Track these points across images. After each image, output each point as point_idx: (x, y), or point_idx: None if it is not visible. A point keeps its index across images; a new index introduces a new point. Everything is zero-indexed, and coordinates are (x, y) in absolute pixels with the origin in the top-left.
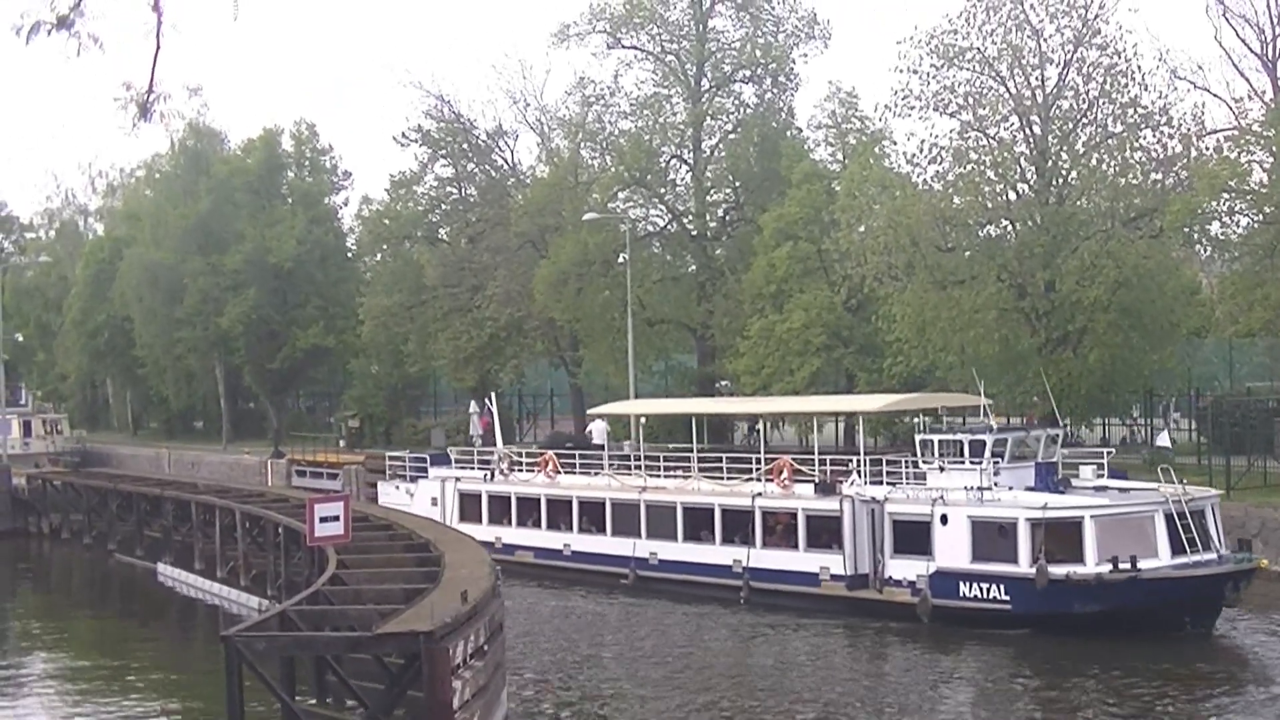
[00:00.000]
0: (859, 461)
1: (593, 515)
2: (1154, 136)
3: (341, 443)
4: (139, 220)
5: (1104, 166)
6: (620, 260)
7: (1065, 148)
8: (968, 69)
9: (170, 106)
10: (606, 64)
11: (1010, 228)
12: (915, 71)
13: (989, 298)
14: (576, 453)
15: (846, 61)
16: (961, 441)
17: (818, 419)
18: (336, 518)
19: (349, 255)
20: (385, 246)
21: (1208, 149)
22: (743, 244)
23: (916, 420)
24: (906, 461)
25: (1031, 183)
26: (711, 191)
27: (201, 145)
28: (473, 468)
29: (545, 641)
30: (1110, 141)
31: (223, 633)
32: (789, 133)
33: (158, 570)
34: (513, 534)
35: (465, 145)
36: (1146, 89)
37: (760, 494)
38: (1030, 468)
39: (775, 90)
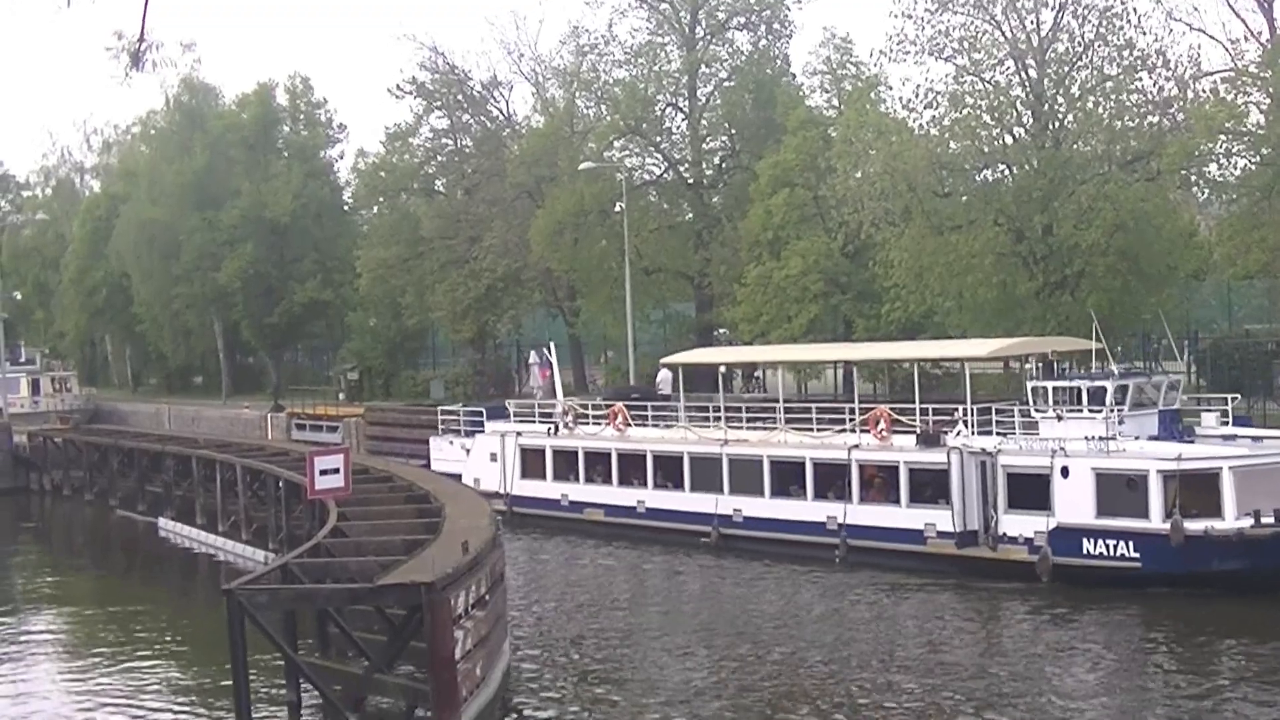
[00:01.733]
0: (965, 411)
1: (669, 470)
2: (1150, 79)
3: (341, 396)
4: (135, 177)
5: (1100, 109)
6: (617, 209)
7: (1061, 91)
8: (962, 13)
9: (162, 55)
10: (600, 13)
11: (1007, 172)
12: (910, 16)
13: (986, 242)
14: (648, 404)
15: (841, 7)
16: (1080, 388)
17: (917, 365)
18: (336, 470)
19: (345, 209)
20: (381, 199)
21: (1204, 91)
22: (739, 191)
23: (1027, 366)
24: (1018, 411)
25: (1028, 126)
26: (707, 139)
27: (196, 101)
28: (534, 421)
29: (622, 603)
30: (1106, 84)
31: (224, 586)
32: (784, 80)
33: (159, 525)
34: (580, 491)
35: (460, 96)
36: (1142, 31)
37: (857, 446)
38: (1152, 415)
39: (770, 37)
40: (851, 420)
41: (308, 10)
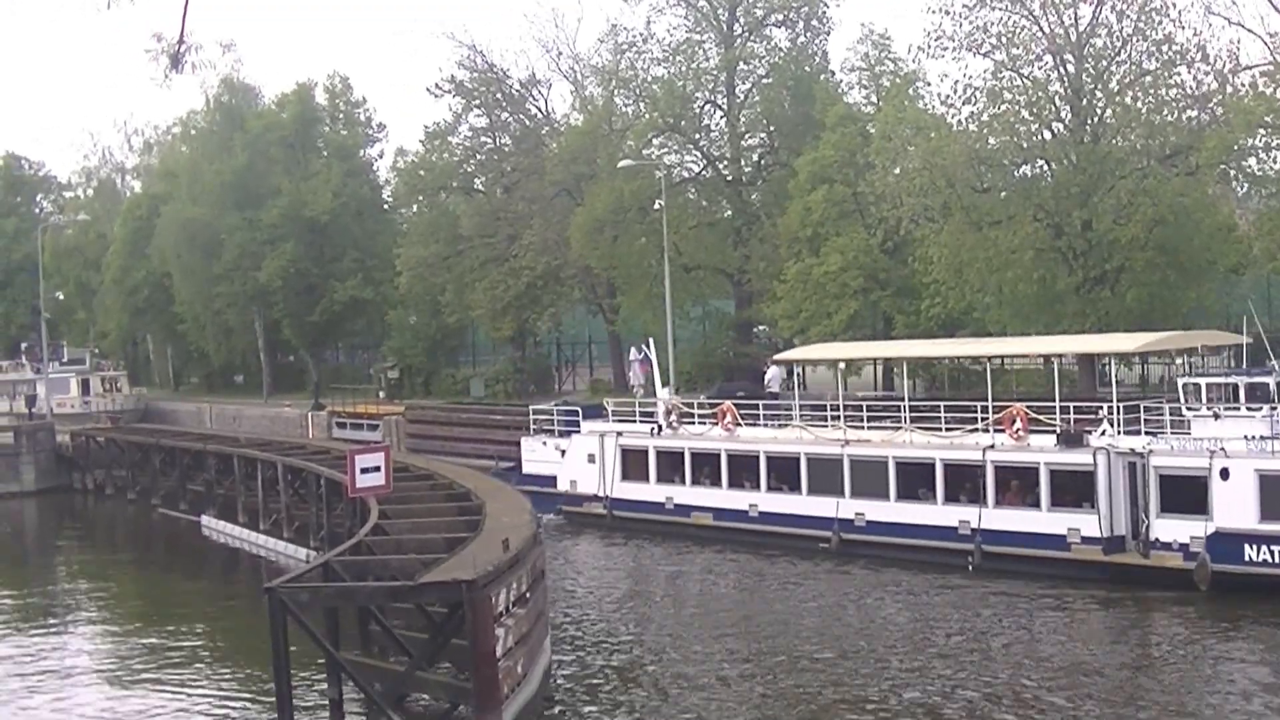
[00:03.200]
0: (1110, 409)
1: (784, 472)
2: (1189, 73)
3: (381, 394)
4: (175, 177)
5: (1139, 104)
6: (656, 207)
7: (1100, 86)
8: (1000, 8)
9: (202, 57)
10: (639, 10)
11: (1046, 167)
12: (948, 12)
13: (1025, 238)
14: (759, 402)
15: (879, 3)
16: (1237, 385)
17: (1057, 361)
18: (377, 468)
19: (385, 207)
20: (421, 198)
21: (1243, 85)
22: (778, 188)
23: (1176, 362)
24: (1168, 409)
25: (1066, 122)
26: (746, 136)
27: (236, 101)
28: (634, 420)
29: (732, 611)
30: (1145, 79)
31: (266, 584)
32: (822, 76)
33: (201, 522)
34: (686, 493)
35: (499, 95)
36: (1181, 26)
37: (991, 446)
38: None
39: (808, 34)
40: (984, 419)
41: (347, 9)
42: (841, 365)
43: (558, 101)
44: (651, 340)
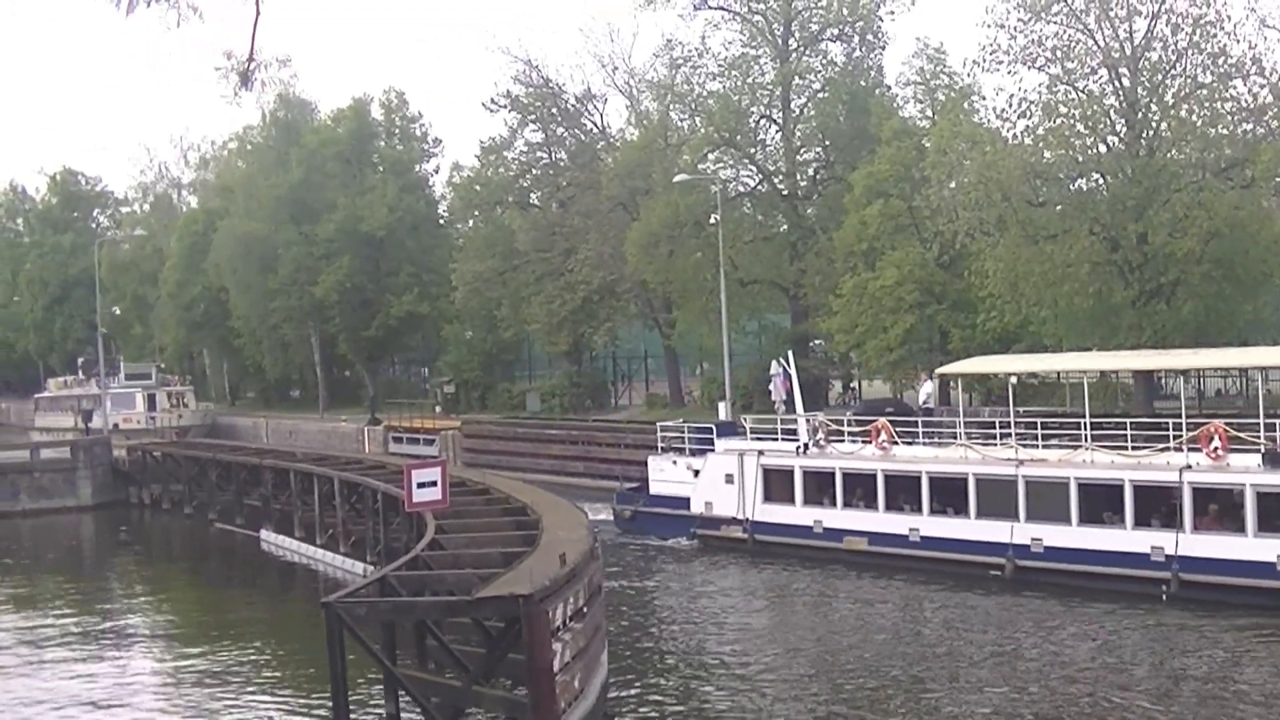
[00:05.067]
0: None
1: (949, 493)
2: (1244, 86)
3: (437, 408)
4: (231, 192)
5: (1194, 117)
6: (711, 221)
7: (1155, 99)
8: (1055, 22)
9: (270, 74)
10: (694, 25)
11: (1101, 181)
12: (1003, 26)
13: (1081, 251)
14: (919, 420)
15: (934, 18)
16: None
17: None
18: (434, 483)
19: (440, 222)
20: (476, 212)
21: None
22: (833, 202)
23: None
24: None
25: (1121, 135)
26: (801, 151)
27: (292, 116)
28: (776, 438)
29: (894, 642)
30: (1200, 92)
31: (323, 599)
32: (878, 90)
33: (260, 537)
34: (838, 516)
35: (554, 110)
36: (1236, 39)
37: (1189, 466)
38: None
39: (863, 48)
40: (1177, 437)
41: (403, 24)
42: (1014, 380)
43: (613, 116)
44: (790, 353)
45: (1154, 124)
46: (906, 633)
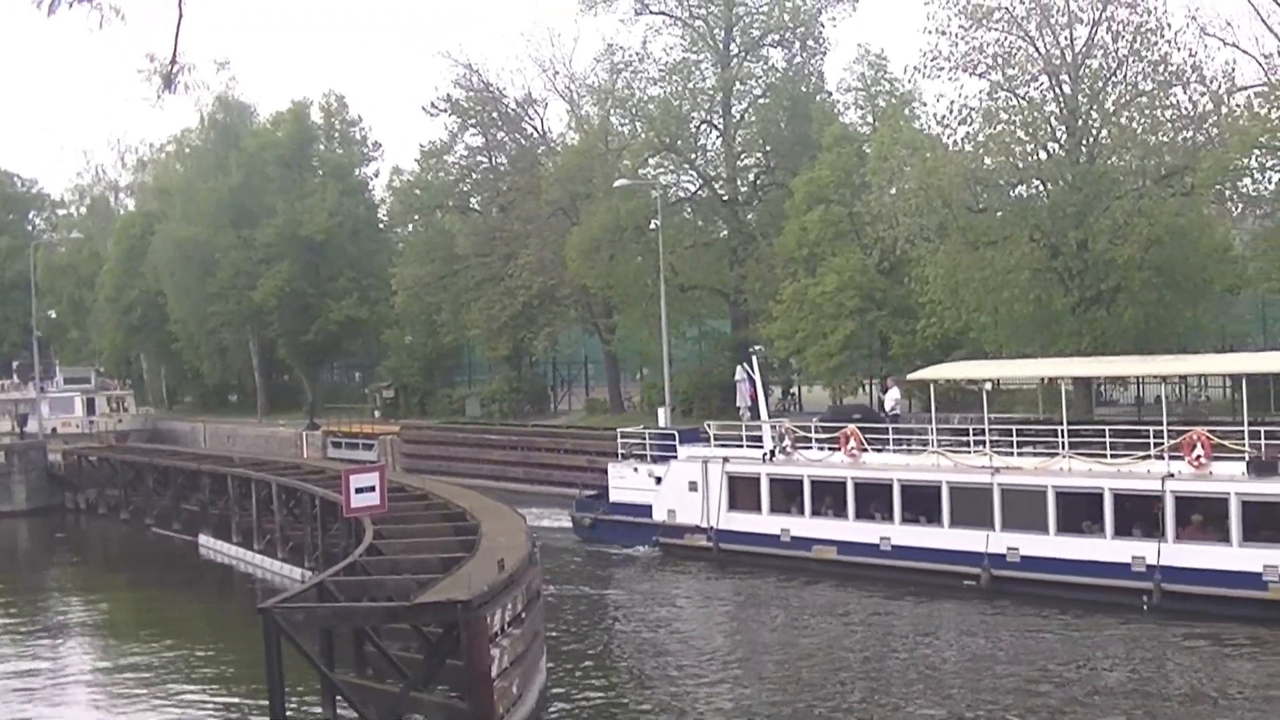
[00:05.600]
0: None
1: (922, 502)
2: (1185, 94)
3: (376, 414)
4: (170, 195)
5: (1134, 125)
6: (652, 226)
7: (1095, 106)
8: (996, 29)
9: (195, 77)
10: (635, 30)
11: (1042, 187)
12: (944, 32)
13: (1022, 258)
14: (889, 426)
15: (875, 24)
16: None
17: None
18: (372, 488)
19: (381, 226)
20: (417, 217)
21: (1238, 105)
22: (774, 208)
23: None
24: None
25: (1062, 142)
26: (742, 156)
27: (231, 119)
28: (740, 445)
29: (860, 651)
30: (1141, 99)
31: (260, 604)
32: (819, 96)
33: (199, 542)
34: (806, 525)
35: (495, 114)
36: (1176, 47)
37: (1172, 475)
38: None
39: (804, 54)
40: (1157, 445)
41: (343, 28)
42: (988, 385)
43: (554, 121)
44: (754, 358)
45: (1094, 131)
46: (875, 643)
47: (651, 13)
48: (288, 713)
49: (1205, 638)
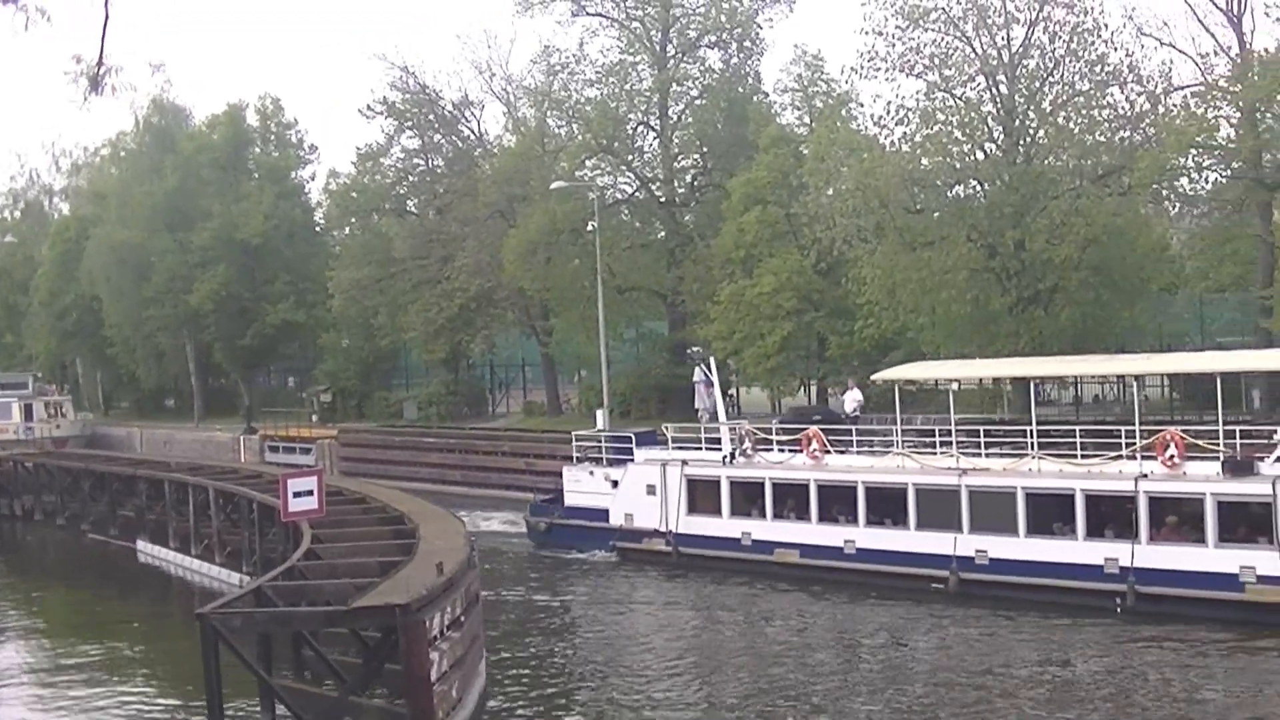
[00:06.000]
0: None
1: (887, 504)
2: (1121, 94)
3: (314, 417)
4: (105, 199)
5: (1071, 125)
6: (589, 228)
7: (1032, 106)
8: (933, 29)
9: (123, 79)
10: (572, 32)
11: (979, 188)
12: (881, 33)
13: (959, 258)
14: (852, 428)
15: (812, 25)
16: None
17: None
18: (310, 492)
19: (317, 229)
20: (353, 220)
21: (1175, 105)
22: (711, 209)
23: None
24: None
25: (999, 142)
26: (679, 158)
27: (166, 122)
28: (700, 448)
29: (823, 661)
30: (1078, 99)
31: (198, 610)
32: (755, 97)
33: (138, 547)
34: (767, 528)
35: (431, 116)
36: (1113, 47)
37: (1146, 475)
38: None
39: (741, 55)
40: (1129, 445)
41: (279, 30)
42: (955, 385)
43: (491, 123)
44: (712, 359)
45: (1031, 131)
46: (838, 648)
47: (588, 14)
48: (226, 718)
49: (1181, 640)
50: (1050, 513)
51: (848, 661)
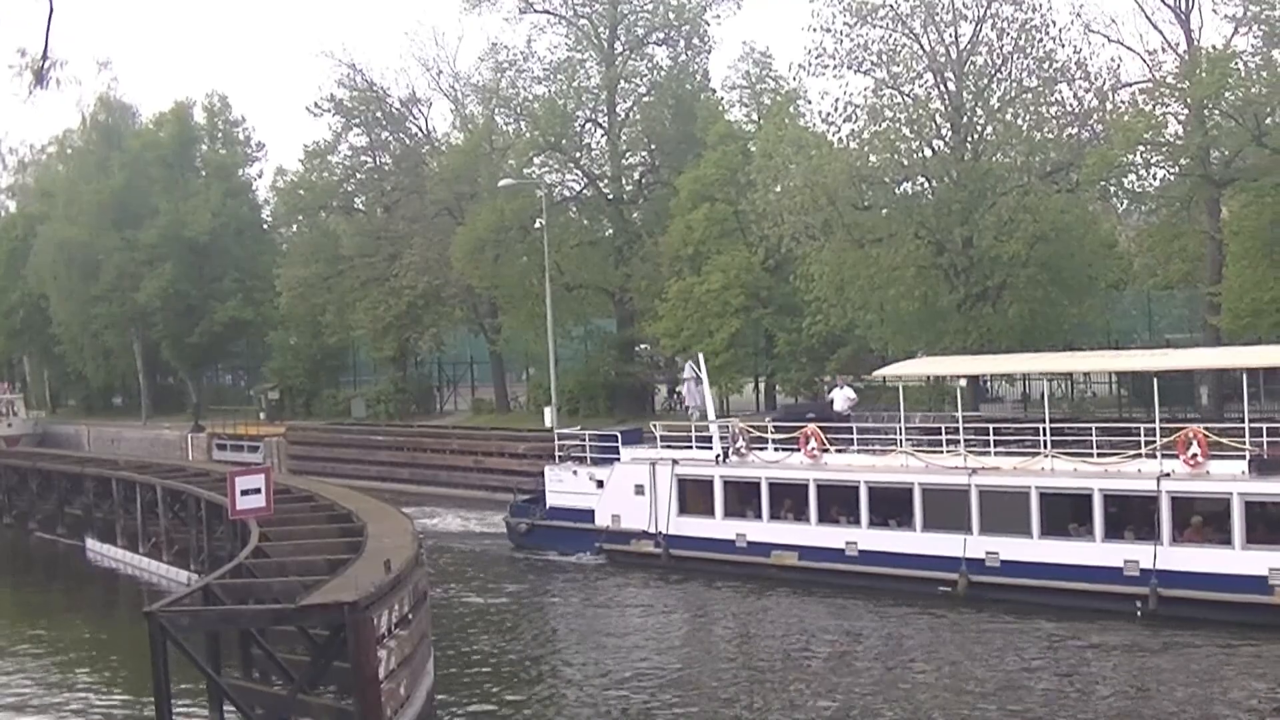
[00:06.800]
0: None
1: (892, 505)
2: (1069, 90)
3: (262, 415)
4: (52, 196)
5: (1019, 121)
6: (537, 226)
7: (980, 103)
8: (881, 26)
9: (68, 73)
10: (519, 29)
11: (927, 184)
12: (829, 30)
13: (907, 255)
14: (853, 426)
15: (760, 21)
16: None
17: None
18: (258, 490)
19: (265, 227)
20: (301, 217)
21: (1123, 102)
22: (659, 206)
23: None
24: None
25: (947, 139)
26: (627, 155)
27: (113, 119)
28: (689, 446)
29: (823, 667)
30: (1025, 96)
31: (146, 608)
32: (703, 94)
33: (86, 546)
34: (764, 529)
35: (379, 114)
36: (1061, 43)
37: (1168, 474)
38: None
39: (689, 52)
40: (1149, 443)
41: (226, 27)
42: (962, 382)
43: (438, 120)
44: (700, 356)
45: (979, 128)
46: (839, 654)
47: (536, 11)
48: (174, 717)
49: (1206, 645)
50: (1066, 513)
51: (848, 672)
